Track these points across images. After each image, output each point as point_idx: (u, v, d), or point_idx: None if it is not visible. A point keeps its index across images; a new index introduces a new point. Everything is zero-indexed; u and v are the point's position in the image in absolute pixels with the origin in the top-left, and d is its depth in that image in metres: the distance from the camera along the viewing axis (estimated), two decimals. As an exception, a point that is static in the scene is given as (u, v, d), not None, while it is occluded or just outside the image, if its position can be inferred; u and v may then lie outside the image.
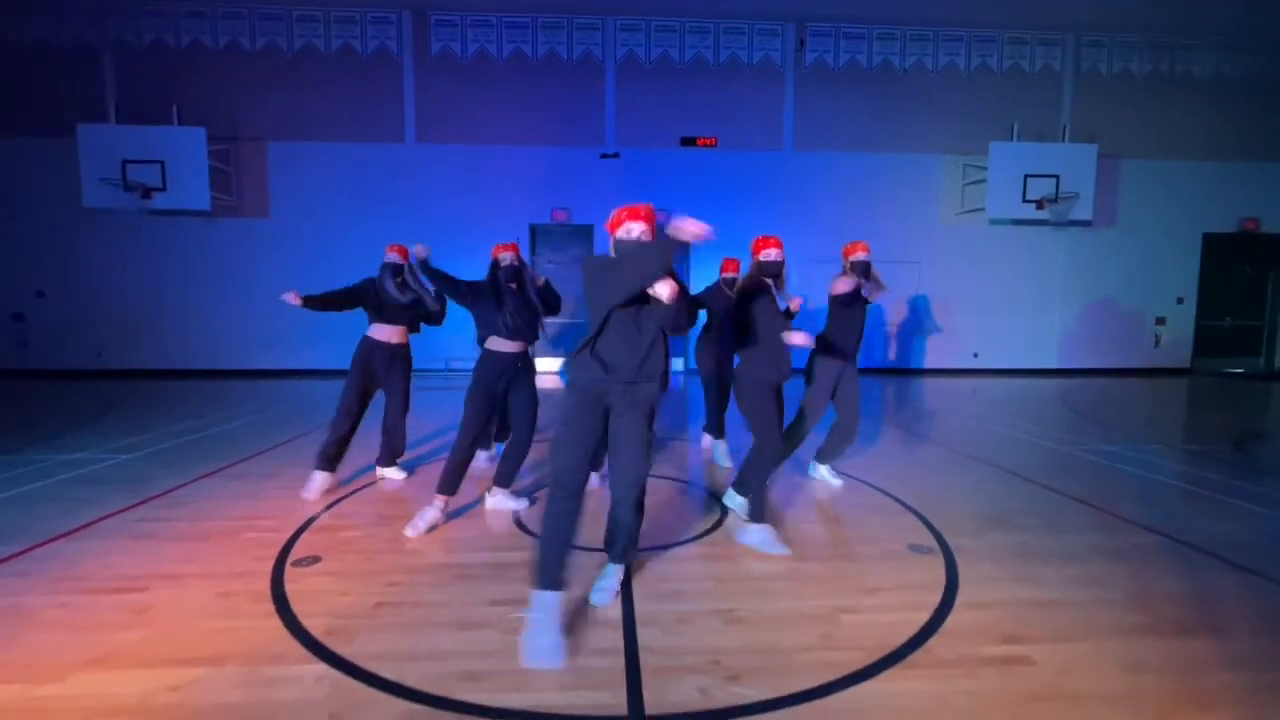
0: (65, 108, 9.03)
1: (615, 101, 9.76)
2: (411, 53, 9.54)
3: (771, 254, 2.95)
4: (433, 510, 3.03)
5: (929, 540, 2.93)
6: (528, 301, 3.26)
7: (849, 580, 2.51)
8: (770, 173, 9.92)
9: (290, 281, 9.23)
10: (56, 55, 9.18)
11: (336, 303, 3.60)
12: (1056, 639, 2.05)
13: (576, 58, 9.68)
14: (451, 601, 2.30)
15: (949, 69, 10.08)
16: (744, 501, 3.15)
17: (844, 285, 3.52)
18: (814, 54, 9.90)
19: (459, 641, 2.02)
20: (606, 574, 2.37)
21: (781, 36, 9.85)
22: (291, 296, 3.39)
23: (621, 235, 2.12)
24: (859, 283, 3.54)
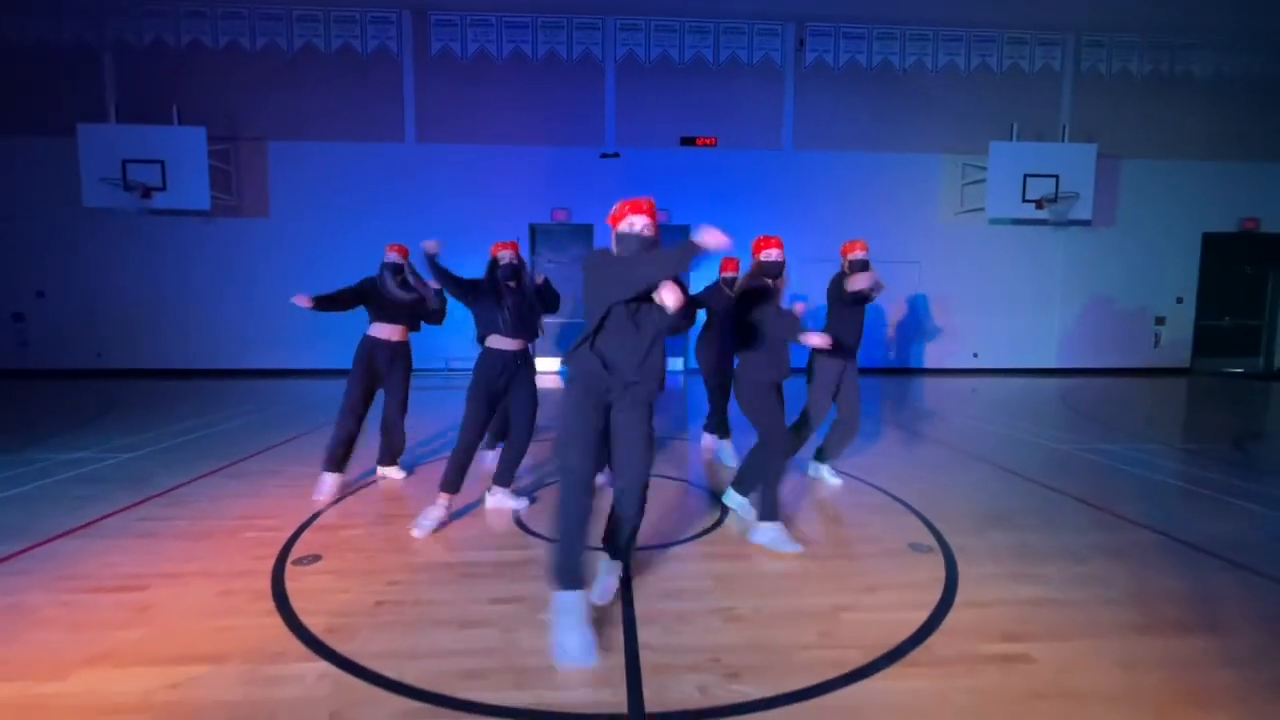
0: (65, 108, 9.03)
1: (615, 101, 9.76)
2: (411, 52, 9.54)
3: (772, 254, 2.95)
4: (437, 509, 3.03)
5: (929, 539, 2.93)
6: (527, 299, 3.27)
7: (849, 579, 2.51)
8: (770, 172, 9.93)
9: (290, 281, 9.35)
10: (56, 55, 9.19)
11: (343, 302, 3.63)
12: (1056, 637, 2.05)
13: (576, 57, 9.68)
14: (452, 600, 2.30)
15: (949, 69, 10.09)
16: (744, 501, 3.16)
17: (863, 281, 3.43)
18: (814, 54, 9.91)
19: (459, 640, 2.02)
20: (606, 572, 2.37)
21: (781, 36, 9.85)
22: (302, 299, 3.40)
23: (624, 229, 2.12)
24: (875, 279, 3.47)
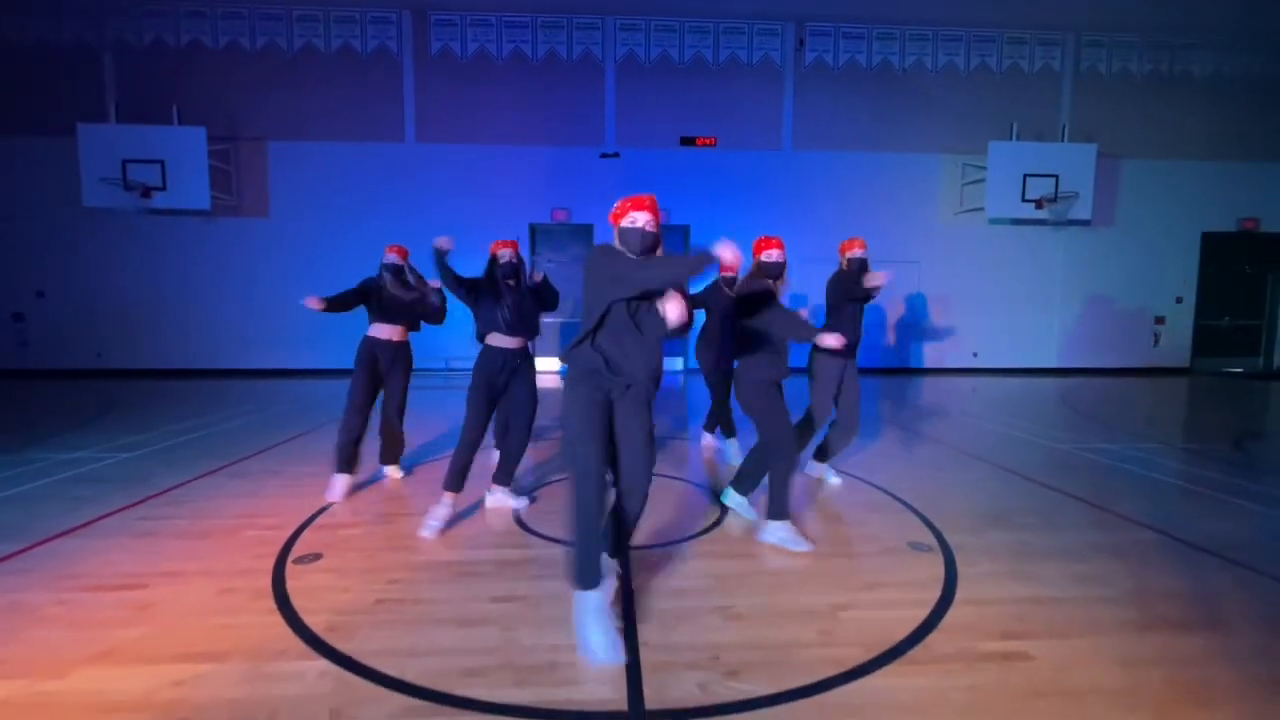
0: (65, 108, 9.04)
1: (615, 101, 9.76)
2: (411, 52, 9.55)
3: (773, 255, 2.96)
4: (442, 508, 3.02)
5: (928, 538, 2.94)
6: (526, 297, 3.28)
7: (848, 577, 2.51)
8: (770, 172, 9.93)
9: (290, 281, 9.37)
10: (56, 55, 9.19)
11: (350, 303, 3.66)
12: (1055, 635, 2.06)
13: (576, 57, 9.68)
14: (451, 598, 2.31)
15: (948, 69, 10.09)
16: (743, 500, 3.17)
17: (880, 278, 3.43)
18: (813, 54, 9.91)
19: (459, 638, 2.03)
20: (605, 570, 2.36)
21: (781, 36, 9.86)
22: (314, 301, 3.40)
23: (626, 224, 2.12)
24: (891, 276, 3.47)
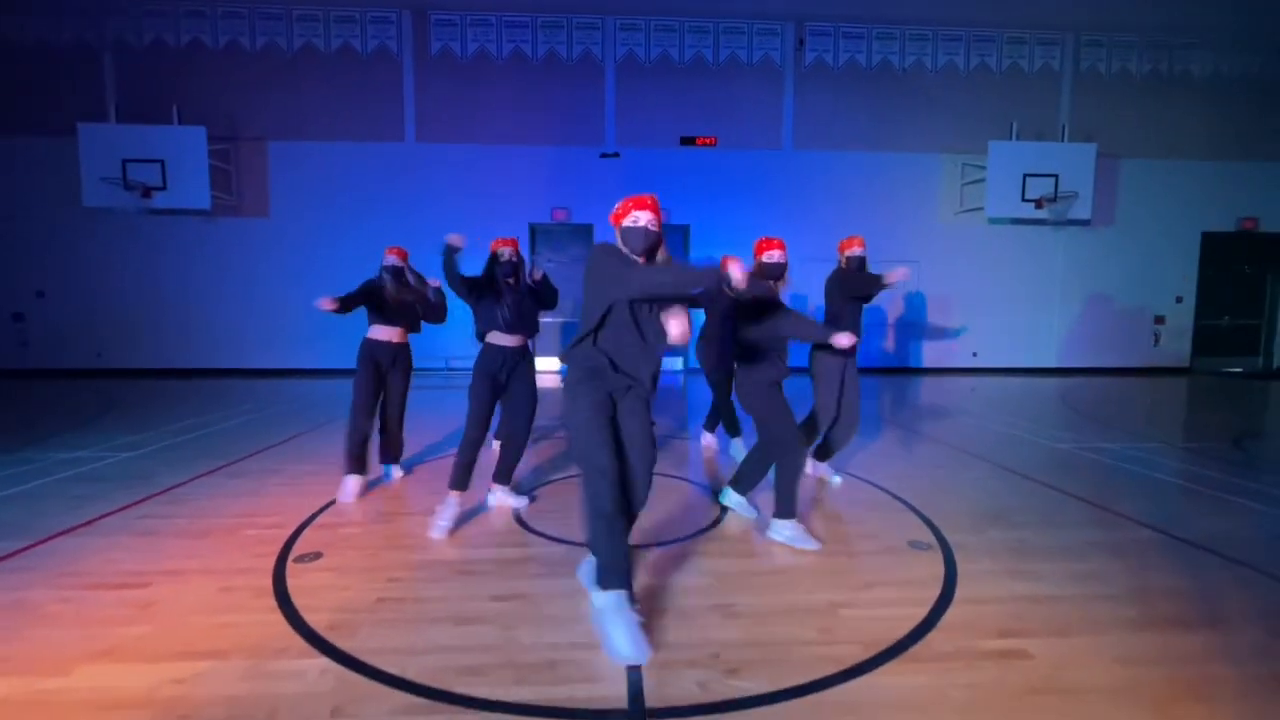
0: (65, 108, 9.04)
1: (615, 101, 9.77)
2: (411, 52, 9.55)
3: (775, 255, 2.96)
4: (450, 508, 3.01)
5: (928, 536, 2.94)
6: (525, 296, 3.29)
7: (848, 576, 2.52)
8: (770, 172, 9.94)
9: (290, 281, 9.38)
10: (56, 55, 9.19)
11: (355, 303, 3.65)
12: (1054, 633, 2.06)
13: (576, 57, 9.69)
14: (451, 597, 2.31)
15: (948, 68, 10.10)
16: (742, 499, 3.17)
17: (900, 275, 3.42)
18: (813, 53, 9.92)
19: (459, 636, 2.03)
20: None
21: (781, 36, 9.86)
22: (327, 302, 3.39)
23: (629, 224, 2.13)
24: (907, 275, 3.46)
